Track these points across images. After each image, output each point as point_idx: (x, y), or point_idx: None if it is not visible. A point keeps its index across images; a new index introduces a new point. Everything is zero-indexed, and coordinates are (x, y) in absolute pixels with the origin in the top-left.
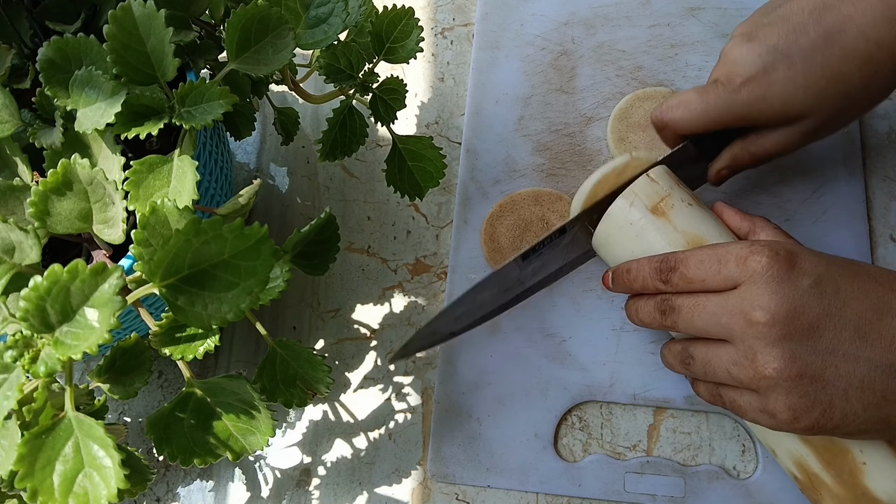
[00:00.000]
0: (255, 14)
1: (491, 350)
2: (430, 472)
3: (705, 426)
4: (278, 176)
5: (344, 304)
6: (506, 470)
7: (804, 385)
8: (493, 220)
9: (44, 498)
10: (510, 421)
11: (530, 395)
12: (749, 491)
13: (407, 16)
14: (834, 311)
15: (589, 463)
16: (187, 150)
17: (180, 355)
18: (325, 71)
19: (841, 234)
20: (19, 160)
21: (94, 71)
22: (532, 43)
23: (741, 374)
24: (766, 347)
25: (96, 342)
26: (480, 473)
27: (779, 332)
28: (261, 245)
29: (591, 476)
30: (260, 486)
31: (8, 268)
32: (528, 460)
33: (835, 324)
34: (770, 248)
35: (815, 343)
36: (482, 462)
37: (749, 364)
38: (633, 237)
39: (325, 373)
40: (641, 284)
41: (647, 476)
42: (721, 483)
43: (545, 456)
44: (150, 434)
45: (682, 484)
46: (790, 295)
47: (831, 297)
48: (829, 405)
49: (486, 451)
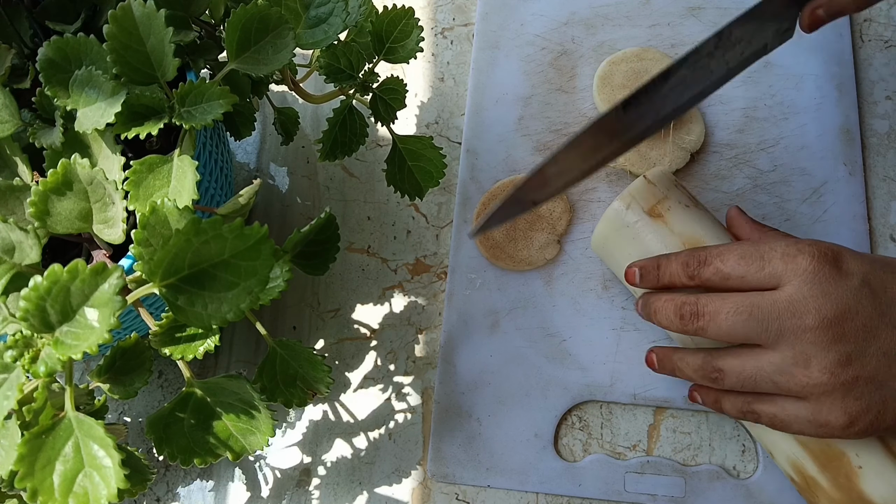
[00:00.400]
0: (256, 14)
1: (491, 350)
2: (430, 471)
3: (705, 426)
4: (278, 176)
5: (344, 303)
6: (506, 470)
7: (860, 388)
8: (484, 208)
9: (44, 498)
10: (510, 421)
11: (530, 394)
12: (749, 491)
13: (407, 16)
14: (885, 309)
15: (589, 463)
16: (187, 150)
17: (180, 355)
18: (326, 71)
19: (841, 234)
20: (19, 160)
21: (94, 71)
22: (532, 43)
23: (790, 382)
24: (822, 352)
25: (96, 342)
26: (480, 473)
27: (833, 334)
28: (261, 245)
29: (591, 476)
30: (260, 485)
31: (8, 268)
32: (528, 460)
33: (887, 322)
34: (816, 247)
35: (870, 344)
36: (482, 462)
37: (801, 371)
38: (629, 239)
39: (325, 373)
40: (669, 279)
41: (647, 476)
42: (721, 483)
43: (545, 456)
44: (150, 434)
45: (683, 484)
46: (842, 296)
47: (881, 294)
48: (882, 406)
49: (486, 450)
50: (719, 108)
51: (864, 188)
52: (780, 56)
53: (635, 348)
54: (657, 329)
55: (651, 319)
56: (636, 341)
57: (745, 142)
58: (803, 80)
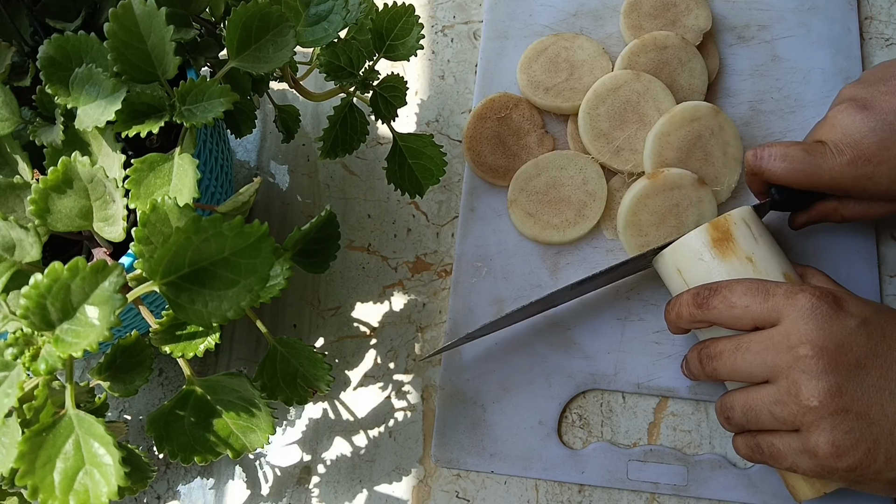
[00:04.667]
0: (256, 12)
1: (496, 338)
2: (434, 457)
3: (705, 423)
4: (279, 174)
5: (344, 302)
6: (509, 456)
7: (849, 421)
8: (475, 128)
9: (44, 495)
10: (514, 408)
11: (535, 382)
12: (752, 480)
13: (407, 13)
14: (881, 350)
15: (592, 451)
16: (188, 149)
17: (181, 353)
18: (326, 69)
19: (846, 228)
20: (20, 158)
21: (95, 69)
22: (541, 33)
23: (784, 411)
24: (812, 380)
25: (97, 340)
26: (484, 459)
27: (825, 364)
28: (261, 243)
29: (594, 463)
30: (260, 483)
31: (8, 265)
32: (531, 447)
33: (881, 363)
34: (818, 289)
35: (862, 379)
36: (486, 448)
37: (792, 399)
38: (702, 273)
39: (326, 371)
40: (677, 313)
41: (650, 464)
42: (724, 472)
43: (549, 443)
44: (151, 432)
45: (685, 472)
46: (837, 331)
47: (878, 338)
48: (873, 445)
49: (490, 437)
50: (726, 101)
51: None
52: (787, 50)
53: (639, 338)
54: (661, 321)
55: (685, 371)
56: (640, 331)
57: (752, 135)
58: (811, 73)
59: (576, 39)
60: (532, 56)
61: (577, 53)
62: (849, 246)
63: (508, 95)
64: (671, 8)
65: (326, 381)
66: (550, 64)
